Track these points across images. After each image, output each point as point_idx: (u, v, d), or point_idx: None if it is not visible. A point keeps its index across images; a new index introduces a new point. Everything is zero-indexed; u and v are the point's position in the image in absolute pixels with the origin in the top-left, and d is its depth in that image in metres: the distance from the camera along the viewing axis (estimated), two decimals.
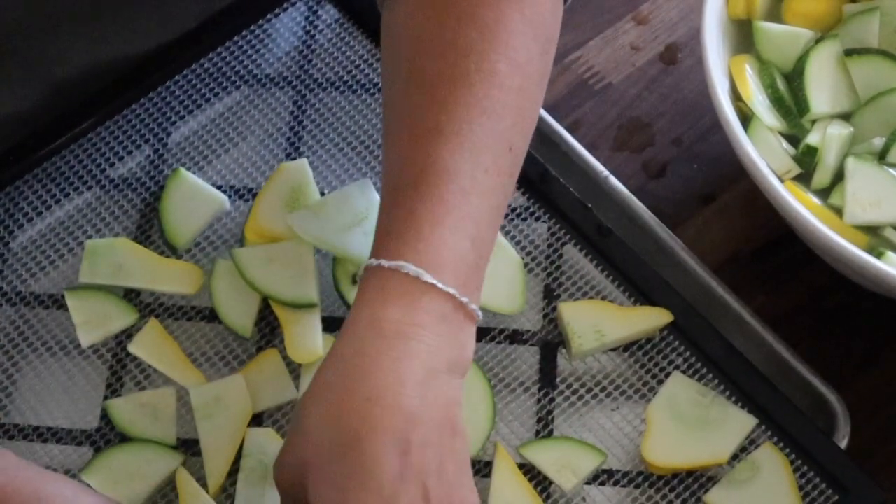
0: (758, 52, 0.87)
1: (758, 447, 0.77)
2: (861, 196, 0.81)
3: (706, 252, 0.87)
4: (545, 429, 0.78)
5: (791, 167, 0.83)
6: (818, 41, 0.86)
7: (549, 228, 0.84)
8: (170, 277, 0.82)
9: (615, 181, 0.88)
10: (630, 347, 0.81)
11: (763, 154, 0.80)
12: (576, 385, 0.80)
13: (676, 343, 0.80)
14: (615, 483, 0.77)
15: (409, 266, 0.65)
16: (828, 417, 0.80)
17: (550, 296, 0.82)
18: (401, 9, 0.73)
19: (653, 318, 0.80)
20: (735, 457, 0.77)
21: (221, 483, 0.76)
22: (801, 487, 0.76)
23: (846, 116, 0.85)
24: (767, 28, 0.87)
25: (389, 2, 0.74)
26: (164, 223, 0.84)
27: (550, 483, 0.77)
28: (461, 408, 0.66)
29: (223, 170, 0.88)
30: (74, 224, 0.86)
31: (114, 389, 0.80)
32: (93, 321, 0.81)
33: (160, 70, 0.89)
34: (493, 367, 0.80)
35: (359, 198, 0.83)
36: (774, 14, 0.88)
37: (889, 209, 0.81)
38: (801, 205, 0.78)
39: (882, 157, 0.83)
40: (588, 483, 0.77)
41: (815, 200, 0.81)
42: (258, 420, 0.79)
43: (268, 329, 0.82)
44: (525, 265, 0.83)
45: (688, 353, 0.80)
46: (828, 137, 0.83)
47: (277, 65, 0.91)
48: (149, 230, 0.85)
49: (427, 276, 0.65)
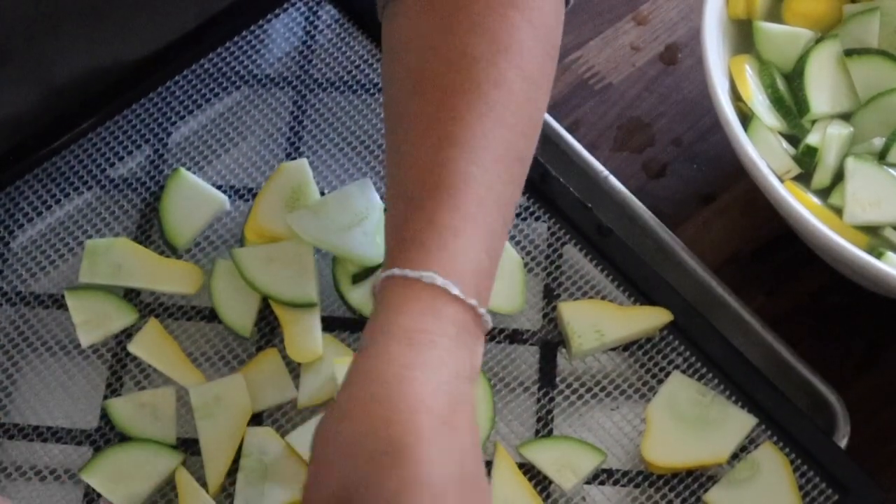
0: (758, 52, 0.87)
1: (758, 447, 0.77)
2: (861, 196, 0.81)
3: (706, 252, 0.87)
4: (545, 428, 0.78)
5: (791, 167, 0.83)
6: (818, 41, 0.86)
7: (549, 228, 0.84)
8: (170, 277, 0.83)
9: (615, 181, 0.88)
10: (630, 347, 0.81)
11: (763, 154, 0.80)
12: (575, 385, 0.80)
13: (676, 343, 0.80)
14: (615, 482, 0.77)
15: (437, 277, 0.64)
16: (828, 417, 0.80)
17: (550, 295, 0.82)
18: (405, 19, 0.72)
19: (653, 318, 0.80)
20: (735, 456, 0.77)
21: (221, 482, 0.76)
22: (801, 487, 0.76)
23: (846, 116, 0.85)
24: (767, 28, 0.87)
25: (391, 11, 0.74)
26: (164, 223, 0.84)
27: (550, 483, 0.77)
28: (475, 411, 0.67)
29: (223, 170, 0.88)
30: (74, 224, 0.86)
31: (114, 389, 0.80)
32: (93, 321, 0.81)
33: (160, 70, 0.89)
34: (493, 367, 0.80)
35: (359, 198, 0.83)
36: (774, 14, 0.88)
37: (889, 209, 0.81)
38: (801, 205, 0.78)
39: (882, 157, 0.83)
40: (588, 482, 0.77)
41: (815, 200, 0.81)
42: (258, 419, 0.79)
43: (267, 329, 0.82)
44: (525, 265, 0.83)
45: (688, 353, 0.80)
46: (828, 137, 0.83)
47: (277, 65, 0.91)
48: (149, 230, 0.85)
49: (454, 289, 0.64)
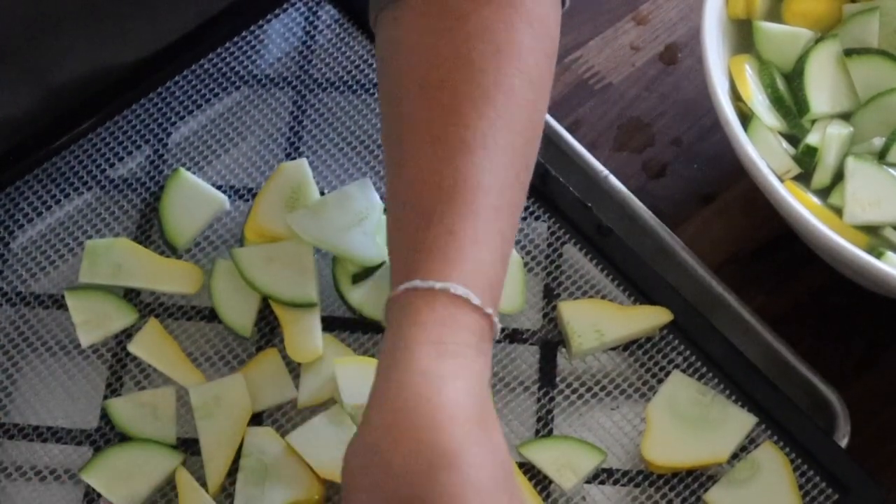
0: (758, 52, 0.87)
1: (758, 446, 0.77)
2: (861, 196, 0.81)
3: (706, 252, 0.86)
4: (545, 428, 0.78)
5: (791, 167, 0.83)
6: (818, 41, 0.86)
7: (549, 228, 0.84)
8: (170, 277, 0.83)
9: (615, 181, 0.88)
10: (630, 346, 0.81)
11: (763, 154, 0.80)
12: (575, 384, 0.80)
13: (676, 342, 0.80)
14: (615, 482, 0.77)
15: (459, 287, 0.65)
16: (828, 417, 0.80)
17: (550, 295, 0.82)
18: (402, 26, 0.72)
19: (653, 318, 0.80)
20: (735, 456, 0.77)
21: (221, 482, 0.76)
22: (801, 486, 0.76)
23: (846, 116, 0.85)
24: (767, 28, 0.87)
25: (386, 19, 0.74)
26: (164, 223, 0.84)
27: (550, 482, 0.77)
28: None
29: (223, 170, 0.88)
30: (74, 224, 0.86)
31: (114, 389, 0.80)
32: (93, 321, 0.81)
33: (160, 70, 0.89)
34: (493, 367, 0.80)
35: (359, 198, 0.83)
36: (774, 14, 0.88)
37: (889, 209, 0.81)
38: (801, 205, 0.78)
39: (882, 157, 0.83)
40: (588, 482, 0.77)
41: (815, 200, 0.81)
42: (258, 419, 0.79)
43: (267, 329, 0.82)
44: (525, 264, 0.83)
45: (688, 353, 0.80)
46: (828, 137, 0.83)
47: (277, 65, 0.91)
48: (149, 230, 0.85)
49: (475, 299, 0.65)
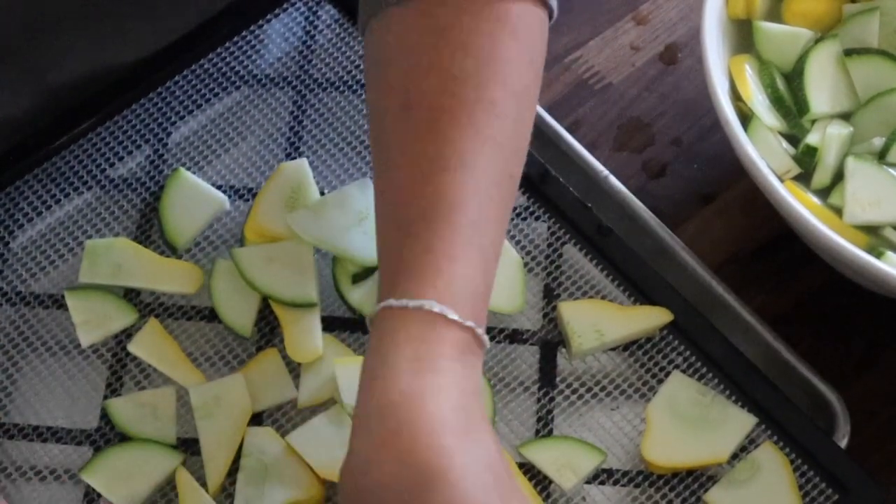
0: (758, 52, 0.87)
1: (758, 447, 0.77)
2: (861, 196, 0.81)
3: (706, 252, 0.86)
4: (545, 428, 0.78)
5: (791, 167, 0.83)
6: (818, 41, 0.86)
7: (549, 228, 0.84)
8: (170, 277, 0.83)
9: (615, 181, 0.88)
10: (630, 347, 0.81)
11: (763, 154, 0.80)
12: (576, 384, 0.80)
13: (676, 342, 0.80)
14: (615, 482, 0.77)
15: (434, 304, 0.65)
16: (828, 417, 0.80)
17: (550, 295, 0.82)
18: (389, 34, 0.71)
19: (653, 318, 0.80)
20: (735, 456, 0.77)
21: (221, 482, 0.76)
22: (801, 487, 0.76)
23: (846, 116, 0.85)
24: (767, 28, 0.86)
25: (372, 29, 0.73)
26: (164, 223, 0.84)
27: (550, 482, 0.77)
28: None
29: (223, 170, 0.88)
30: (74, 224, 0.86)
31: (114, 389, 0.80)
32: (93, 321, 0.81)
33: (160, 70, 0.89)
34: (493, 367, 0.80)
35: (359, 197, 0.83)
36: (774, 14, 0.88)
37: (889, 209, 0.81)
38: (801, 205, 0.77)
39: (882, 157, 0.83)
40: (588, 482, 0.77)
41: (815, 200, 0.81)
42: (258, 419, 0.79)
43: (267, 329, 0.82)
44: (525, 265, 0.83)
45: (688, 353, 0.80)
46: (828, 137, 0.83)
47: (277, 65, 0.91)
48: (149, 230, 0.85)
49: (451, 314, 0.65)
